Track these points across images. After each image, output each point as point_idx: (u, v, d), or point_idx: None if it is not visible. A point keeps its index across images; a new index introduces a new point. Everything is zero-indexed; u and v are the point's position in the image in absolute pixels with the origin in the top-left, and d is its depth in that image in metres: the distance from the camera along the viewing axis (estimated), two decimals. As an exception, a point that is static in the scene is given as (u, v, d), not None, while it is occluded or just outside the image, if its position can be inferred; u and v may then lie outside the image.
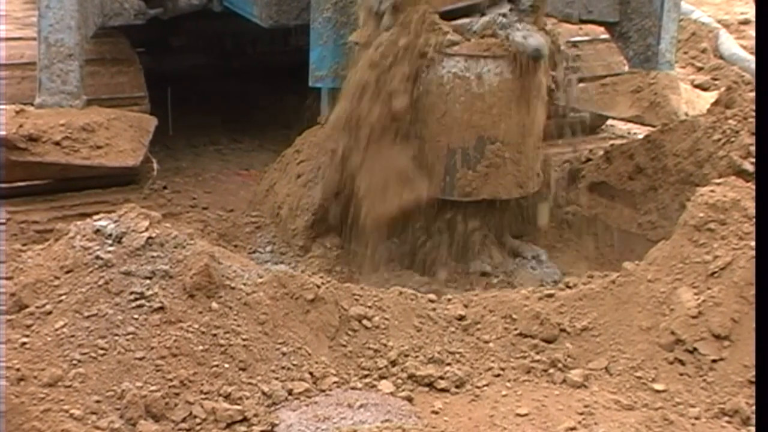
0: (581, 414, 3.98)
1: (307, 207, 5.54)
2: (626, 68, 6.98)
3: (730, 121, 5.49)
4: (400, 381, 4.16)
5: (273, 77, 7.83)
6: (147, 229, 4.15)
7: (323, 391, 4.03)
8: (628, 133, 7.66)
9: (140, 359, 3.85)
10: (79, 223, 4.28)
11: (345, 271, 5.40)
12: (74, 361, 3.82)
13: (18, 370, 3.74)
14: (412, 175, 5.20)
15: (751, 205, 4.45)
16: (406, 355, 4.25)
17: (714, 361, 4.14)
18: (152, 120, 6.28)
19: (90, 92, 6.20)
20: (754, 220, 4.40)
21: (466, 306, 4.59)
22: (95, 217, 4.27)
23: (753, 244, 4.28)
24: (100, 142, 5.84)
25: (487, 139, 5.19)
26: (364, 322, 4.34)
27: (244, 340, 4.01)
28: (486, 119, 5.17)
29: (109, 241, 4.12)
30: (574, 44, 7.32)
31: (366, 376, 4.16)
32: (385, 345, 4.28)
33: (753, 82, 5.80)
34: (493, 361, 4.31)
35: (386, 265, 5.38)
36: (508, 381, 4.22)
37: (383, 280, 5.21)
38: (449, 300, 4.68)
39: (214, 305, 4.05)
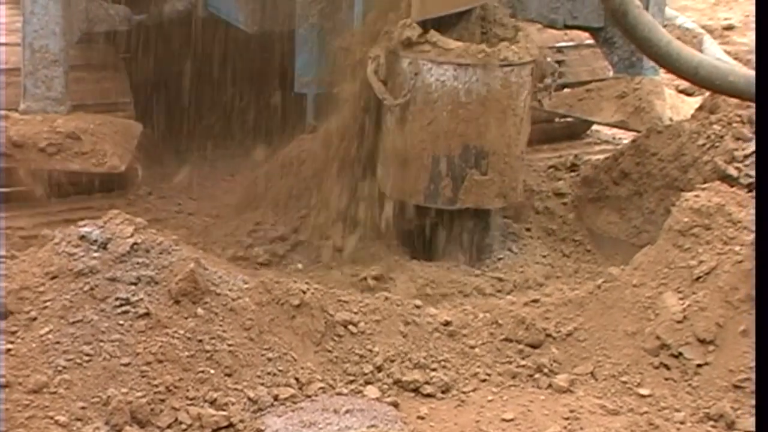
0: (567, 419, 3.99)
1: None
2: (611, 73, 6.99)
3: (715, 126, 5.51)
4: (385, 386, 4.16)
5: (258, 83, 7.82)
6: (132, 235, 4.14)
7: (309, 396, 4.03)
8: (613, 138, 7.68)
9: (126, 365, 3.84)
10: (64, 229, 4.27)
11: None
12: (59, 368, 3.81)
13: (2, 376, 3.73)
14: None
15: (735, 210, 4.47)
16: (392, 361, 4.25)
17: (699, 365, 4.15)
18: (137, 126, 6.27)
19: (75, 98, 6.19)
20: (738, 224, 4.42)
21: (451, 312, 4.60)
22: (80, 223, 4.26)
23: (738, 248, 4.30)
24: (85, 148, 5.82)
25: (473, 148, 5.20)
26: (350, 327, 4.34)
27: (229, 345, 4.01)
28: (473, 128, 5.18)
29: (94, 248, 4.11)
30: (559, 50, 7.33)
31: (352, 382, 4.16)
32: (371, 350, 4.28)
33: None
34: (478, 367, 4.31)
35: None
36: (494, 386, 4.23)
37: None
38: (435, 305, 4.69)
39: (200, 311, 4.04)
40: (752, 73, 6.10)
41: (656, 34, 5.52)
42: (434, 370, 4.25)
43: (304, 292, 4.29)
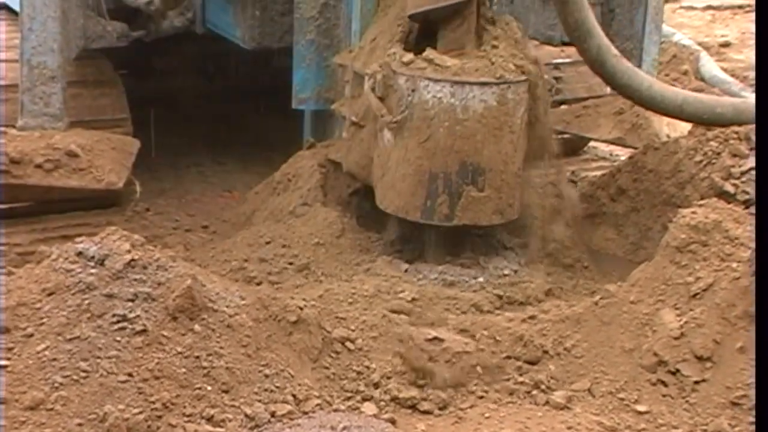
0: (564, 436, 3.99)
1: None
2: (608, 90, 7.00)
3: (712, 143, 5.52)
4: (383, 403, 4.15)
5: (256, 99, 7.84)
6: (129, 252, 4.14)
7: (306, 413, 4.02)
8: (610, 154, 7.69)
9: (123, 382, 3.83)
10: (61, 245, 4.27)
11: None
12: (56, 384, 3.80)
13: (-1, 393, 3.73)
14: None
15: (732, 227, 4.47)
16: (389, 377, 4.24)
17: (696, 382, 4.15)
18: (135, 142, 6.27)
19: (72, 114, 6.19)
20: (735, 241, 4.42)
21: (449, 328, 4.60)
22: (77, 239, 4.26)
23: (735, 265, 4.30)
24: (82, 164, 5.83)
25: (470, 165, 5.21)
26: (347, 344, 4.34)
27: (226, 362, 4.00)
28: (470, 145, 5.18)
29: (92, 264, 4.10)
30: (556, 66, 7.35)
31: (349, 398, 4.16)
32: (368, 367, 4.27)
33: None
34: (476, 383, 4.31)
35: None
36: (492, 403, 4.22)
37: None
38: (433, 322, 4.69)
39: (197, 327, 4.04)
40: (738, 100, 6.21)
41: (636, 79, 5.63)
42: (432, 386, 4.24)
43: (302, 309, 4.29)
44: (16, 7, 6.29)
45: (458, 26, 5.37)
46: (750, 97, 8.49)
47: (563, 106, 7.13)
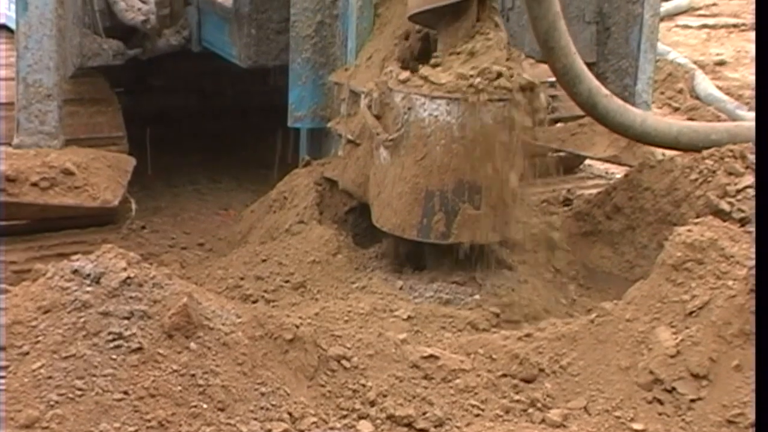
0: (560, 454, 3.98)
1: None
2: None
3: (707, 161, 5.53)
4: (379, 421, 4.15)
5: (252, 117, 7.85)
6: (125, 269, 4.13)
7: (302, 431, 4.02)
8: (606, 172, 7.70)
9: (118, 400, 3.82)
10: (57, 263, 4.27)
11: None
12: (51, 403, 3.79)
13: (-6, 411, 3.72)
14: None
15: (728, 245, 4.47)
16: (385, 395, 4.24)
17: (692, 400, 4.14)
18: (131, 160, 6.28)
19: (68, 132, 6.20)
20: (731, 259, 4.42)
21: (445, 346, 4.59)
22: (73, 257, 4.25)
23: (731, 283, 4.30)
24: (78, 182, 5.83)
25: (466, 183, 5.21)
26: (343, 362, 4.33)
27: (222, 380, 3.99)
28: (466, 163, 5.19)
29: (87, 282, 4.10)
30: (552, 84, 7.36)
31: (345, 417, 4.15)
32: (364, 385, 4.27)
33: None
34: (472, 401, 4.30)
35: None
36: (488, 421, 4.21)
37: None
38: (429, 340, 4.68)
39: (193, 345, 4.03)
40: (732, 124, 6.26)
41: (629, 116, 5.68)
42: (428, 404, 4.24)
43: (298, 327, 4.28)
44: (14, 26, 6.30)
45: (458, 28, 5.35)
46: (745, 118, 8.52)
47: (559, 124, 7.14)
